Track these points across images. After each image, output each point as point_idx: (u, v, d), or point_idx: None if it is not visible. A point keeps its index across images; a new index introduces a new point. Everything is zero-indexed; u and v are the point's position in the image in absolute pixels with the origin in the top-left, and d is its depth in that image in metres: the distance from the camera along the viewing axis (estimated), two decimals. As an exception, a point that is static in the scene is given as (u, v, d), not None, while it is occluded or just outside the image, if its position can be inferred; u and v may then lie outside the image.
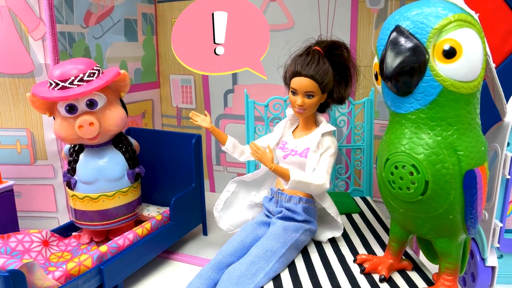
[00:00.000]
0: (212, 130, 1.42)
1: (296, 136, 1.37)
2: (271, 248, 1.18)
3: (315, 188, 1.24)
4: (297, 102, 1.27)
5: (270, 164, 1.19)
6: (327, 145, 1.29)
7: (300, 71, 1.24)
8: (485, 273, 1.25)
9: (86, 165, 1.47)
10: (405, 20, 0.91)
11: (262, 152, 1.20)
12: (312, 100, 1.27)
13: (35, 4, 1.62)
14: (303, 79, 1.24)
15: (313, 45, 1.31)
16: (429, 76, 0.90)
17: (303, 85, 1.25)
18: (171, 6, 2.22)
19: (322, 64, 1.24)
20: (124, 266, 1.38)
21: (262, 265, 1.14)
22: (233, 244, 1.25)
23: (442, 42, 0.88)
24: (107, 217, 1.50)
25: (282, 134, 1.40)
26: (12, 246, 1.42)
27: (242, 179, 1.47)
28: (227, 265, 1.19)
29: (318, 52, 1.26)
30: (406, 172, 0.94)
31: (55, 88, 1.34)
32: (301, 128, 1.37)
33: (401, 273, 1.16)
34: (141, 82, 2.22)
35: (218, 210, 1.47)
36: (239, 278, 1.10)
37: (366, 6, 1.81)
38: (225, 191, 1.48)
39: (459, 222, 0.97)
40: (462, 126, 0.92)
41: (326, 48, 1.29)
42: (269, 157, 1.19)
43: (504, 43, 1.40)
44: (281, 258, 1.19)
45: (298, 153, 1.32)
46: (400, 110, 0.96)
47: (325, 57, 1.27)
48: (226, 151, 1.44)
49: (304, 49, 1.31)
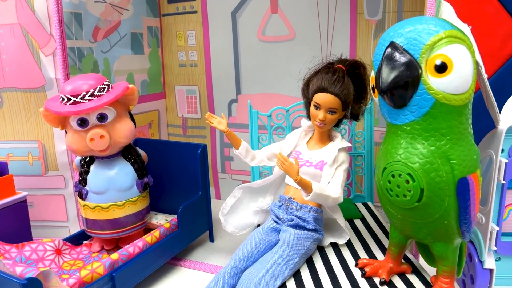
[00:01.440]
0: (228, 134, 1.43)
1: (310, 148, 1.41)
2: (286, 256, 1.23)
3: (332, 201, 1.29)
4: (319, 117, 1.32)
5: (296, 176, 1.21)
6: (341, 160, 1.35)
7: (326, 87, 1.29)
8: (483, 275, 1.29)
9: (96, 176, 1.52)
10: (399, 36, 0.96)
11: (289, 163, 1.22)
12: (334, 116, 1.32)
13: (45, 21, 1.69)
14: (328, 95, 1.29)
15: (336, 62, 1.36)
16: (422, 89, 0.94)
17: (328, 101, 1.30)
18: (176, 19, 2.29)
19: (347, 82, 1.30)
20: (134, 273, 1.42)
21: (279, 272, 1.19)
22: (247, 249, 1.29)
23: (434, 57, 0.93)
24: (117, 226, 1.55)
25: (296, 144, 1.44)
26: (27, 255, 1.47)
27: (249, 185, 1.51)
28: (243, 270, 1.23)
29: (342, 71, 1.32)
30: (402, 181, 0.98)
31: (67, 103, 1.39)
32: (316, 140, 1.42)
33: (401, 276, 1.19)
34: (147, 93, 2.28)
35: (224, 214, 1.51)
36: (259, 284, 1.14)
37: (364, 17, 1.86)
38: (231, 197, 1.52)
39: (454, 227, 1.01)
40: (455, 136, 0.96)
41: (348, 66, 1.35)
42: (295, 169, 1.22)
43: (504, 46, 1.42)
44: (294, 265, 1.23)
45: (313, 164, 1.36)
46: (396, 121, 1.01)
47: (348, 76, 1.32)
48: (239, 155, 1.46)
49: (326, 65, 1.37)
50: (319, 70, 1.36)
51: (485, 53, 1.43)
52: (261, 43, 2.09)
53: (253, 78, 2.16)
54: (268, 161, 1.49)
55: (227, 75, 2.22)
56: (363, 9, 1.86)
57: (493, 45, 1.43)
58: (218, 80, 2.26)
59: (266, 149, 1.50)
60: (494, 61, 1.45)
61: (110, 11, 1.95)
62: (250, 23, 2.09)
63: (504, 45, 1.42)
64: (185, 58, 2.32)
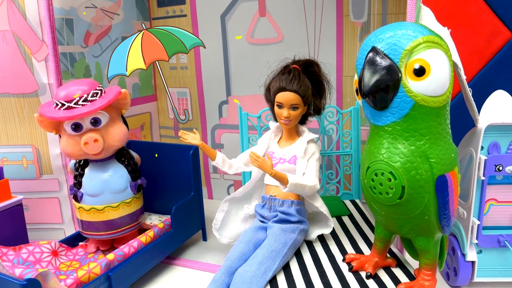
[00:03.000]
0: (202, 147, 1.50)
1: (282, 146, 1.49)
2: (275, 248, 1.29)
3: (309, 189, 1.36)
4: (284, 114, 1.40)
5: (271, 170, 1.29)
6: (312, 151, 1.43)
7: (285, 86, 1.38)
8: (466, 267, 1.35)
9: (91, 178, 1.55)
10: (380, 42, 1.00)
11: (262, 160, 1.30)
12: (297, 112, 1.40)
13: (37, 28, 1.71)
14: (288, 93, 1.38)
15: (290, 64, 1.45)
16: (402, 92, 0.98)
17: (289, 98, 1.38)
18: (166, 23, 2.31)
19: (303, 79, 1.39)
20: (130, 272, 1.46)
21: (269, 264, 1.25)
22: (239, 249, 1.35)
23: (412, 61, 0.97)
24: (112, 227, 1.58)
25: (268, 145, 1.51)
26: (24, 257, 1.50)
27: (233, 196, 1.56)
28: (236, 269, 1.28)
29: (297, 70, 1.41)
30: (385, 179, 1.03)
31: (61, 108, 1.42)
32: (286, 138, 1.50)
33: (386, 269, 1.24)
34: (139, 96, 2.31)
35: (217, 229, 1.56)
36: (252, 278, 1.20)
37: (350, 20, 1.91)
38: (219, 212, 1.56)
39: (434, 222, 1.06)
40: (433, 136, 1.01)
41: (302, 66, 1.44)
42: (269, 164, 1.30)
43: (489, 45, 1.46)
44: (284, 257, 1.30)
45: (286, 160, 1.44)
46: (378, 122, 1.06)
47: (303, 74, 1.41)
48: (216, 165, 1.53)
49: (282, 68, 1.45)
50: (277, 74, 1.45)
51: (471, 52, 1.49)
52: (250, 46, 2.12)
53: (242, 80, 2.20)
54: (245, 167, 1.56)
55: (217, 77, 2.25)
56: (349, 12, 1.90)
57: (479, 43, 1.47)
58: (209, 82, 2.29)
59: (241, 156, 1.57)
60: (479, 59, 1.49)
61: (101, 16, 1.98)
62: (239, 26, 2.12)
63: (489, 44, 1.46)
64: (175, 61, 2.35)
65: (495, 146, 1.29)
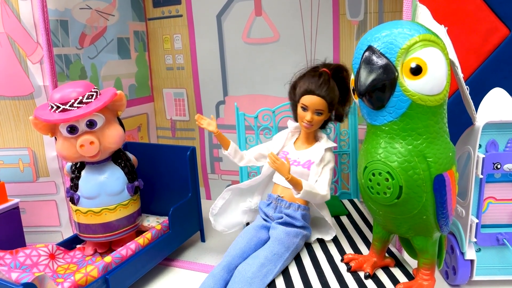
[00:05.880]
0: (218, 135, 1.46)
1: (297, 148, 1.47)
2: (277, 252, 1.28)
3: (320, 199, 1.34)
4: (307, 118, 1.37)
5: (288, 175, 1.26)
6: (328, 160, 1.40)
7: (313, 90, 1.35)
8: (464, 266, 1.35)
9: (88, 181, 1.54)
10: (377, 40, 0.99)
11: (281, 162, 1.27)
12: (320, 117, 1.38)
13: (32, 30, 1.70)
14: (315, 97, 1.35)
15: (321, 66, 1.42)
16: (399, 91, 0.98)
17: (315, 103, 1.35)
18: (162, 23, 2.31)
19: (332, 86, 1.36)
20: (128, 274, 1.45)
21: (270, 267, 1.24)
22: (239, 246, 1.34)
23: (409, 60, 0.96)
24: (109, 229, 1.57)
25: (283, 144, 1.49)
26: (21, 261, 1.49)
27: (238, 186, 1.55)
28: (236, 266, 1.28)
29: (327, 74, 1.38)
30: (382, 179, 1.03)
31: (56, 110, 1.41)
32: (303, 141, 1.47)
33: (385, 269, 1.24)
34: (135, 97, 2.30)
35: (213, 214, 1.55)
36: (252, 278, 1.19)
37: (346, 18, 1.90)
38: (220, 198, 1.56)
39: (432, 221, 1.06)
40: (431, 135, 1.01)
41: (333, 70, 1.41)
42: (287, 167, 1.27)
43: (486, 42, 1.46)
44: (285, 261, 1.28)
45: (300, 164, 1.41)
46: (375, 122, 1.05)
47: (332, 79, 1.38)
48: (228, 156, 1.50)
49: (311, 69, 1.43)
50: (305, 74, 1.42)
51: (467, 49, 1.48)
52: (247, 46, 2.12)
53: (239, 80, 2.19)
54: (255, 161, 1.54)
55: (214, 77, 2.24)
56: (345, 10, 1.90)
57: (476, 41, 1.47)
58: (205, 83, 2.29)
59: (253, 149, 1.54)
60: (476, 57, 1.49)
61: (96, 17, 1.97)
62: (235, 26, 2.12)
63: (486, 41, 1.46)
64: (172, 62, 2.34)
65: (493, 144, 1.29)
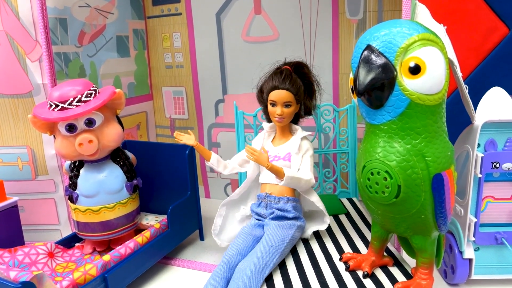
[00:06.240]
0: (197, 147, 1.53)
1: (275, 145, 1.52)
2: (274, 244, 1.31)
3: (305, 183, 1.38)
4: (277, 112, 1.43)
5: (267, 163, 1.32)
6: (306, 148, 1.46)
7: (278, 85, 1.42)
8: (463, 265, 1.35)
9: (86, 179, 1.54)
10: (375, 39, 0.99)
11: (258, 153, 1.34)
12: (290, 109, 1.44)
13: (31, 27, 1.70)
14: (281, 91, 1.41)
15: (282, 65, 1.50)
16: (397, 90, 0.98)
17: (282, 96, 1.42)
18: (161, 21, 2.30)
19: (294, 78, 1.44)
20: (126, 273, 1.45)
21: (268, 259, 1.27)
22: (237, 245, 1.37)
23: (408, 59, 0.96)
24: (108, 228, 1.57)
25: (262, 145, 1.53)
26: (20, 259, 1.49)
27: (230, 199, 1.58)
28: (236, 264, 1.30)
29: (289, 70, 1.45)
30: (380, 178, 1.03)
31: (55, 109, 1.41)
32: (279, 137, 1.52)
33: (383, 268, 1.24)
34: (134, 96, 2.30)
35: (216, 234, 1.58)
36: (252, 272, 1.21)
37: (346, 17, 1.90)
38: (218, 217, 1.58)
39: (430, 220, 1.06)
40: (429, 134, 1.01)
41: (293, 67, 1.48)
42: (265, 157, 1.34)
43: (486, 41, 1.45)
44: (282, 252, 1.32)
45: (281, 158, 1.46)
46: (373, 121, 1.05)
47: (294, 74, 1.45)
48: (211, 166, 1.56)
49: (274, 69, 1.50)
50: (269, 76, 1.49)
51: (467, 48, 1.48)
52: (246, 44, 2.11)
53: (238, 79, 2.19)
54: (240, 168, 1.59)
55: (213, 75, 2.24)
56: (345, 9, 1.89)
57: (476, 40, 1.46)
58: (205, 81, 2.28)
59: (236, 157, 1.61)
60: (476, 56, 1.48)
61: (95, 15, 1.97)
62: (235, 24, 2.11)
63: (486, 40, 1.46)
64: (171, 60, 2.34)
65: (492, 143, 1.29)
